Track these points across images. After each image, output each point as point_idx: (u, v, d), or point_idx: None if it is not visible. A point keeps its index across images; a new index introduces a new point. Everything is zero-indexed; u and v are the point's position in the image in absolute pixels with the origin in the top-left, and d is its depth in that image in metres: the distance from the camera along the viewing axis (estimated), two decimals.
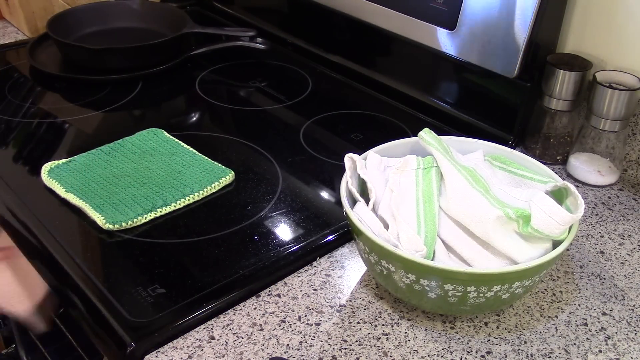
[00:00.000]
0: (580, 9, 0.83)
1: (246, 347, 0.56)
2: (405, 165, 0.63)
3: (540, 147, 0.85)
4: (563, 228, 0.55)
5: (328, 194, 0.77)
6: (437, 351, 0.57)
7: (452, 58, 0.89)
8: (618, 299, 0.64)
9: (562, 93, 0.81)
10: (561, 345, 0.58)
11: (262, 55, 1.12)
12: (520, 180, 0.65)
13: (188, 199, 0.73)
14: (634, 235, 0.73)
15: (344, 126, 0.92)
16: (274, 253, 0.66)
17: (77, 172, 0.76)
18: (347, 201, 0.59)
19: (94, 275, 0.62)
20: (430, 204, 0.60)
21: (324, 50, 1.09)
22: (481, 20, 0.84)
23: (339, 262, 0.67)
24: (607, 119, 0.78)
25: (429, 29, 0.90)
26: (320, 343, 0.57)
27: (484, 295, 0.54)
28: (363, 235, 0.56)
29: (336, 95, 1.01)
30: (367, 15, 0.98)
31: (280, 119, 0.93)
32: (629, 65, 0.80)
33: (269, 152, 0.84)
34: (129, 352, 0.55)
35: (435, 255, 0.57)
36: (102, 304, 0.59)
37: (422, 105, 0.96)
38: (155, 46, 1.03)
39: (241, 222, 0.71)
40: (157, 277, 0.62)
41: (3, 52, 1.10)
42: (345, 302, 0.62)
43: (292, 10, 1.16)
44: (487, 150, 0.68)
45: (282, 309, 0.61)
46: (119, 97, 0.97)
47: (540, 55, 0.83)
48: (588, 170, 0.81)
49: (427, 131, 0.65)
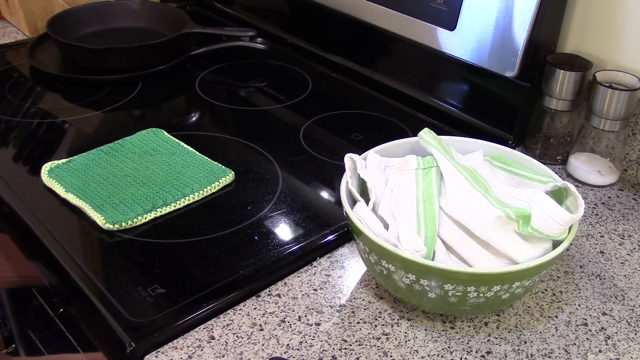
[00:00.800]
0: (580, 9, 0.83)
1: (246, 347, 0.56)
2: (405, 165, 0.63)
3: (540, 147, 0.85)
4: (563, 228, 0.55)
5: (328, 194, 0.77)
6: (437, 351, 0.57)
7: (452, 58, 0.89)
8: (618, 299, 0.64)
9: (562, 93, 0.81)
10: (561, 345, 0.58)
11: (262, 55, 1.12)
12: (520, 180, 0.65)
13: (188, 199, 0.73)
14: (634, 235, 0.73)
15: (344, 126, 0.92)
16: (274, 253, 0.66)
17: (77, 172, 0.76)
18: (347, 201, 0.59)
19: (94, 275, 0.62)
20: (430, 204, 0.60)
21: (324, 50, 1.09)
22: (481, 20, 0.84)
23: (339, 262, 0.67)
24: (607, 119, 0.78)
25: (429, 29, 0.90)
26: (320, 343, 0.57)
27: (484, 295, 0.54)
28: (363, 235, 0.56)
29: (336, 95, 1.01)
30: (367, 15, 0.98)
31: (280, 119, 0.93)
32: (629, 65, 0.80)
33: (269, 152, 0.84)
34: (129, 352, 0.55)
35: (435, 255, 0.57)
36: (102, 304, 0.59)
37: (422, 105, 0.96)
38: (155, 46, 1.03)
39: (241, 222, 0.71)
40: (157, 277, 0.62)
41: (3, 52, 1.10)
42: (345, 302, 0.62)
43: (292, 10, 1.16)
44: (487, 150, 0.68)
45: (282, 309, 0.61)
46: (119, 97, 0.97)
47: (540, 55, 0.83)
48: (588, 170, 0.81)
49: (427, 131, 0.65)
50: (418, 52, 0.94)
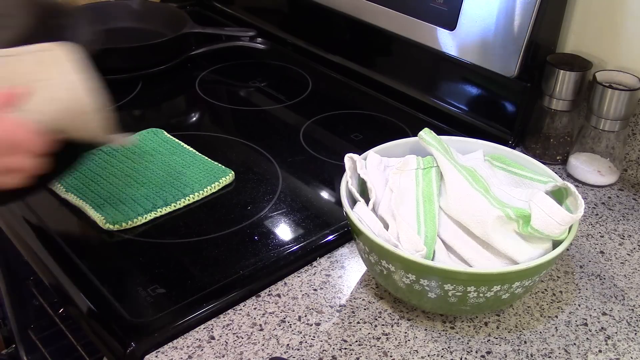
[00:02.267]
0: (580, 9, 0.83)
1: (246, 347, 0.56)
2: (405, 165, 0.63)
3: (540, 147, 0.85)
4: (563, 228, 0.55)
5: (328, 194, 0.77)
6: (437, 351, 0.57)
7: (452, 58, 0.89)
8: (618, 299, 0.64)
9: (562, 93, 0.81)
10: (561, 345, 0.58)
11: (262, 55, 1.12)
12: (520, 180, 0.65)
13: (188, 199, 0.73)
14: (634, 235, 0.73)
15: (344, 126, 0.92)
16: (274, 253, 0.66)
17: (77, 172, 0.76)
18: (347, 201, 0.59)
19: (94, 276, 0.62)
20: (430, 204, 0.60)
21: (324, 50, 1.09)
22: (481, 20, 0.84)
23: (339, 262, 0.67)
24: (607, 119, 0.78)
25: (429, 29, 0.90)
26: (320, 343, 0.57)
27: (484, 295, 0.54)
28: (363, 235, 0.56)
29: (336, 95, 1.01)
30: (368, 15, 0.98)
31: (280, 119, 0.93)
32: (629, 65, 0.80)
33: (269, 152, 0.84)
34: (129, 352, 0.55)
35: (435, 255, 0.57)
36: (102, 304, 0.59)
37: (422, 105, 0.96)
38: (155, 46, 1.03)
39: (241, 222, 0.71)
40: (157, 277, 0.62)
41: None
42: (345, 302, 0.62)
43: (292, 10, 1.16)
44: (487, 150, 0.68)
45: (282, 309, 0.61)
46: (119, 97, 0.97)
47: (540, 55, 0.83)
48: (588, 170, 0.81)
49: (427, 131, 0.65)
50: (418, 52, 0.93)
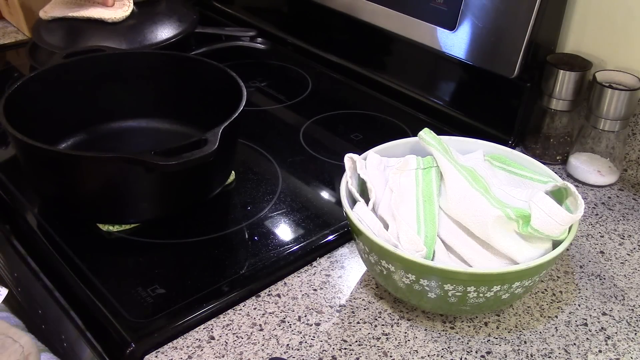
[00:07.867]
0: (580, 9, 0.83)
1: (246, 347, 0.56)
2: (405, 165, 0.63)
3: (540, 147, 0.85)
4: (563, 228, 0.55)
5: (328, 194, 0.77)
6: (437, 351, 0.57)
7: (452, 58, 0.89)
8: (618, 299, 0.64)
9: (562, 93, 0.81)
10: (561, 345, 0.58)
11: (262, 55, 1.12)
12: (520, 180, 0.65)
13: None
14: (634, 235, 0.73)
15: (344, 126, 0.92)
16: (274, 253, 0.66)
17: None
18: (347, 201, 0.59)
19: (93, 275, 0.62)
20: (430, 204, 0.60)
21: (324, 50, 1.09)
22: (481, 20, 0.84)
23: (339, 262, 0.67)
24: (607, 119, 0.78)
25: (429, 29, 0.90)
26: (320, 343, 0.57)
27: (484, 295, 0.54)
28: (363, 235, 0.56)
29: (336, 95, 1.01)
30: (367, 15, 0.98)
31: (280, 119, 0.93)
32: (629, 65, 0.80)
33: (269, 152, 0.84)
34: (129, 352, 0.55)
35: (435, 255, 0.57)
36: (102, 304, 0.59)
37: (422, 105, 0.96)
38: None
39: (241, 222, 0.71)
40: (157, 277, 0.62)
41: (3, 52, 1.10)
42: (345, 302, 0.62)
43: (292, 10, 1.16)
44: (487, 150, 0.68)
45: (282, 309, 0.61)
46: None
47: (540, 55, 0.83)
48: (588, 170, 0.81)
49: (427, 131, 0.65)
50: (418, 52, 0.94)
